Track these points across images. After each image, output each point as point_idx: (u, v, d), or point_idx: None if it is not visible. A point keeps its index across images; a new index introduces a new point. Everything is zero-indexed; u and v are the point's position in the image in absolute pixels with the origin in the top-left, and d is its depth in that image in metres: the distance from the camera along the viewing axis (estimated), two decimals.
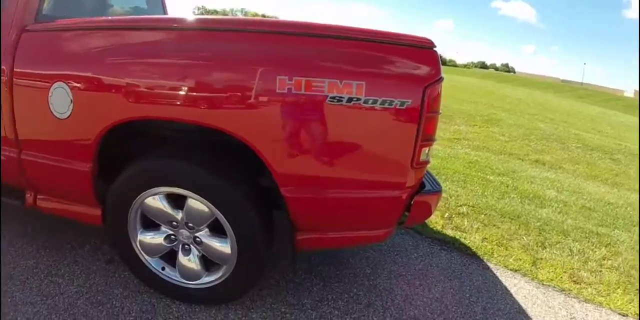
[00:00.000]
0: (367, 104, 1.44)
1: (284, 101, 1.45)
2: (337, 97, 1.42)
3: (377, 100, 1.43)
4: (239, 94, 1.47)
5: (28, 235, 2.25)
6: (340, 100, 1.43)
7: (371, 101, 1.43)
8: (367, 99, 1.43)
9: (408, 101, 1.45)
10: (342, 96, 1.42)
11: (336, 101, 1.43)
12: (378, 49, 1.48)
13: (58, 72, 1.68)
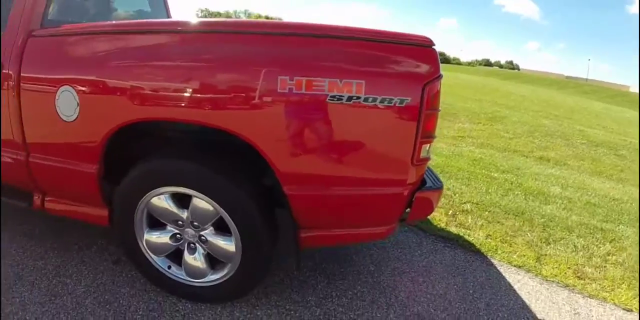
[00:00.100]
0: (367, 102, 1.46)
1: (285, 101, 1.47)
2: (337, 96, 1.44)
3: (377, 98, 1.45)
4: (241, 95, 1.50)
5: (36, 237, 2.28)
6: (341, 99, 1.45)
7: (371, 99, 1.45)
8: (367, 97, 1.45)
9: (407, 99, 1.47)
10: (342, 95, 1.44)
11: (336, 100, 1.45)
12: (377, 48, 1.50)
13: (64, 76, 1.71)
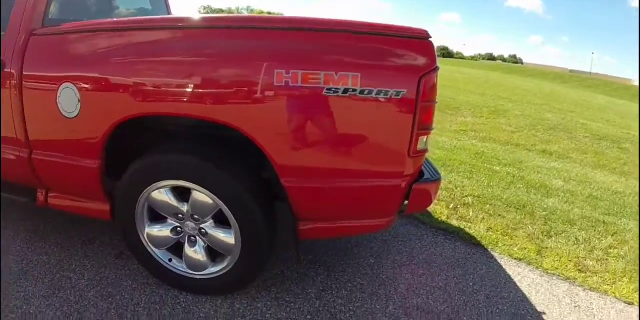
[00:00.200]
0: (363, 94, 1.46)
1: (282, 94, 1.48)
2: (333, 89, 1.45)
3: (373, 90, 1.46)
4: (239, 89, 1.51)
5: (40, 233, 2.30)
6: (337, 92, 1.46)
7: (367, 92, 1.46)
8: (363, 89, 1.46)
9: (403, 91, 1.48)
10: (338, 88, 1.45)
11: (332, 93, 1.46)
12: (373, 40, 1.50)
13: (65, 73, 1.73)
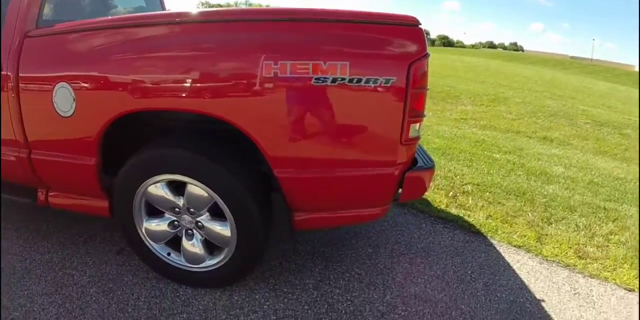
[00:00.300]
0: (352, 83, 1.46)
1: (271, 85, 1.48)
2: (321, 78, 1.45)
3: (362, 79, 1.46)
4: (229, 82, 1.51)
5: (42, 233, 2.32)
6: (325, 81, 1.45)
7: (356, 80, 1.46)
8: (352, 78, 1.46)
9: (393, 78, 1.47)
10: (326, 77, 1.45)
11: (321, 82, 1.45)
12: (361, 29, 1.50)
13: (60, 73, 1.73)
